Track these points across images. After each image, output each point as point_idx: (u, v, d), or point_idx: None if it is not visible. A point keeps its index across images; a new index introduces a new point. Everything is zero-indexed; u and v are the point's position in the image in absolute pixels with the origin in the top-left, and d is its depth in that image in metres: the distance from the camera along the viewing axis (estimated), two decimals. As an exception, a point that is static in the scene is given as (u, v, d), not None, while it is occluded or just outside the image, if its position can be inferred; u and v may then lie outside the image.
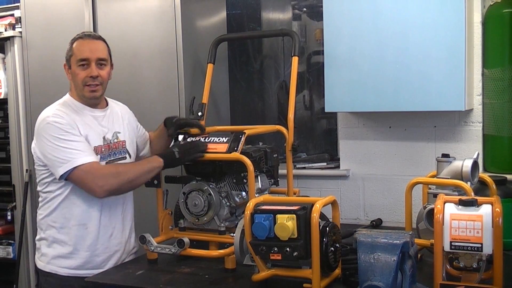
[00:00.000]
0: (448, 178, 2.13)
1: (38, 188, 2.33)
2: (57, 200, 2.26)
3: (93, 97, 2.29)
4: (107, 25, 3.19)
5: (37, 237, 2.36)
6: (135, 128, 2.52)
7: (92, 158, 2.18)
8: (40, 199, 2.33)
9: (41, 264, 2.31)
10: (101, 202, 2.25)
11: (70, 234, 2.25)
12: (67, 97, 2.34)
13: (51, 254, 2.28)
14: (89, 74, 2.25)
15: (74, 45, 2.29)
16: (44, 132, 2.19)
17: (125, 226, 2.37)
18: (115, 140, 2.35)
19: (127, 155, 2.39)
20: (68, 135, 2.18)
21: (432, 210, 1.95)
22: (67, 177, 2.16)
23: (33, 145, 2.28)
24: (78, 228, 2.25)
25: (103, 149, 2.29)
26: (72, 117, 2.24)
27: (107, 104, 2.42)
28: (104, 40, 2.35)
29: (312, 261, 1.77)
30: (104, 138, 2.31)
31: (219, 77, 3.29)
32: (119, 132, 2.38)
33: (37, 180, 2.32)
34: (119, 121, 2.41)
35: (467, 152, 2.73)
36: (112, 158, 2.32)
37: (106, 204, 2.28)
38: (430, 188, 2.20)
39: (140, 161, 2.38)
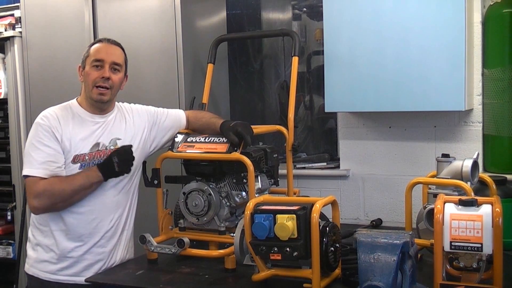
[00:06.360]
0: (448, 178, 2.13)
1: None
2: None
3: (100, 100, 2.24)
4: (107, 25, 3.19)
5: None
6: (145, 130, 2.39)
7: (39, 171, 2.13)
8: None
9: (26, 266, 2.30)
10: (90, 209, 2.21)
11: (53, 238, 2.22)
12: (72, 101, 2.31)
13: (34, 257, 2.26)
14: (101, 75, 2.22)
15: (92, 47, 2.28)
16: (31, 131, 2.22)
17: (114, 237, 2.29)
18: (112, 147, 2.27)
19: None
20: (38, 142, 2.16)
21: (432, 210, 1.95)
22: None
23: None
24: (61, 234, 2.21)
25: (86, 157, 2.21)
26: (61, 121, 2.20)
27: (112, 110, 2.35)
28: (122, 48, 2.32)
29: (312, 261, 1.77)
30: (95, 145, 2.24)
31: (219, 77, 3.29)
32: (119, 139, 2.30)
33: None
34: (122, 127, 2.33)
35: (467, 152, 2.73)
36: None
37: (95, 211, 2.23)
38: (430, 188, 2.20)
39: (78, 175, 2.19)
